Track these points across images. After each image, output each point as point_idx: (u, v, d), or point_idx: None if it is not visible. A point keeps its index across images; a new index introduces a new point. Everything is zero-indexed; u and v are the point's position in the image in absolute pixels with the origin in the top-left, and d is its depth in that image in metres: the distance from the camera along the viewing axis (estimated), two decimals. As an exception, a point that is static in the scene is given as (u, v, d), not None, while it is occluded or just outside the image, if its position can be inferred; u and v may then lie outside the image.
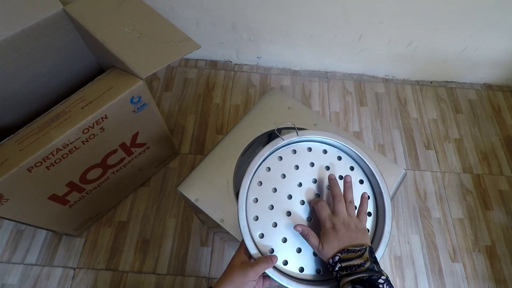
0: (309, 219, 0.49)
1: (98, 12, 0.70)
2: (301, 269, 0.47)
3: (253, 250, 0.46)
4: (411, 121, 1.11)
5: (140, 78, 0.63)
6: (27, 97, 0.78)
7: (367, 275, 0.38)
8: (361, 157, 0.52)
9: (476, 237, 0.93)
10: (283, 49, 1.12)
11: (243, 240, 0.47)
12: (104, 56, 0.71)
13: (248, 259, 0.46)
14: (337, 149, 0.54)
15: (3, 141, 0.58)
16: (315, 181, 0.51)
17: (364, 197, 0.48)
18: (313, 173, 0.52)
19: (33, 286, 0.82)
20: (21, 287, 0.82)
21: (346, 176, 0.49)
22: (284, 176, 0.51)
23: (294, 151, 0.53)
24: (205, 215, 0.60)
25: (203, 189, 0.62)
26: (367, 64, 1.16)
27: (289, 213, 0.49)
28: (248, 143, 0.66)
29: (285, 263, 0.47)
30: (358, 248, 0.41)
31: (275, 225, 0.48)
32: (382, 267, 0.42)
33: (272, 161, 0.52)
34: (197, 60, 1.21)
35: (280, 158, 0.52)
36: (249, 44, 1.11)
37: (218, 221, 0.59)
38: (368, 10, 0.93)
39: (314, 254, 0.48)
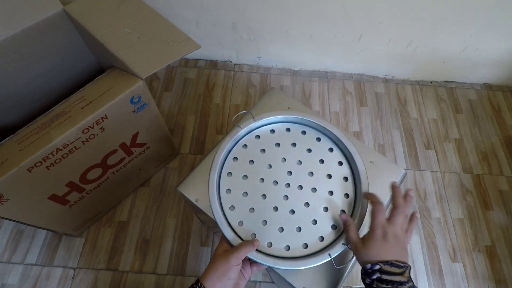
0: (285, 197, 0.51)
1: (98, 12, 0.70)
2: (287, 248, 0.48)
3: (230, 236, 0.47)
4: (411, 121, 1.11)
5: (140, 78, 0.63)
6: (27, 97, 0.78)
7: None
8: (325, 127, 0.55)
9: (476, 237, 0.93)
10: (283, 49, 1.12)
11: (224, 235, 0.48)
12: (104, 56, 0.71)
13: (230, 247, 0.47)
14: (301, 125, 0.57)
15: (3, 141, 0.58)
16: (284, 160, 0.53)
17: (415, 216, 0.47)
18: (281, 153, 0.53)
19: (33, 286, 0.82)
20: (21, 287, 0.82)
21: (409, 190, 0.49)
22: (252, 162, 0.53)
23: (258, 136, 0.55)
24: (205, 215, 0.60)
25: (203, 189, 0.62)
26: (367, 64, 1.16)
27: (264, 196, 0.51)
28: (248, 143, 0.66)
29: (270, 244, 0.48)
30: (402, 265, 0.40)
31: (252, 210, 0.50)
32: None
33: (237, 150, 0.54)
34: (197, 60, 1.21)
35: (245, 146, 0.54)
36: (249, 44, 1.11)
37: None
38: (368, 10, 0.93)
39: (299, 229, 0.49)
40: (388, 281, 0.39)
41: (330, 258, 0.46)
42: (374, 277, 0.40)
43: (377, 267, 0.40)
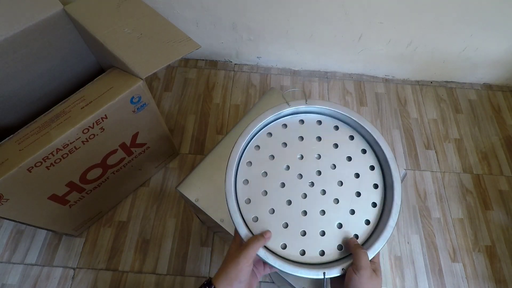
0: (303, 195, 0.47)
1: (98, 12, 0.70)
2: (303, 252, 0.45)
3: (243, 231, 0.43)
4: (411, 121, 1.11)
5: (140, 78, 0.63)
6: (27, 97, 0.78)
7: None
8: (381, 146, 0.48)
9: (476, 237, 0.93)
10: (283, 49, 1.12)
11: (236, 229, 0.44)
12: (104, 56, 0.71)
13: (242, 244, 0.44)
14: (350, 128, 0.50)
15: (3, 141, 0.58)
16: (318, 156, 0.48)
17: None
18: (317, 148, 0.48)
19: (33, 286, 0.82)
20: (21, 287, 0.82)
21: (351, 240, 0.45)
22: (272, 157, 0.47)
23: (302, 121, 0.49)
24: (205, 215, 0.60)
25: (203, 189, 0.62)
26: (367, 64, 1.16)
27: (288, 199, 0.46)
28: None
29: (284, 246, 0.45)
30: None
31: (272, 211, 0.46)
32: (382, 267, 0.42)
33: (260, 137, 0.48)
34: (197, 60, 1.21)
35: (270, 134, 0.49)
36: (249, 44, 1.11)
37: (218, 221, 0.59)
38: (368, 10, 0.93)
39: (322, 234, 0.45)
40: None
41: (324, 277, 0.42)
42: None
43: None
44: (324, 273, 0.42)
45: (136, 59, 0.63)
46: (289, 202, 0.46)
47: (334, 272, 0.43)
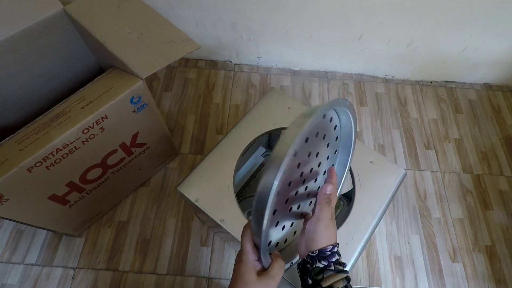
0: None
1: (98, 12, 0.69)
2: (282, 227, 0.44)
3: (267, 260, 0.37)
4: (411, 121, 1.11)
5: (140, 78, 0.63)
6: (27, 97, 0.78)
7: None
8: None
9: (476, 237, 0.93)
10: (283, 49, 1.12)
11: (244, 239, 0.37)
12: (104, 56, 0.71)
13: (259, 265, 0.37)
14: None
15: (3, 141, 0.58)
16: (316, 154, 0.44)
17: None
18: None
19: (33, 286, 0.82)
20: (21, 287, 0.82)
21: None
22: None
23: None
24: (205, 215, 0.60)
25: (203, 189, 0.62)
26: (367, 64, 1.16)
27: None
28: (248, 143, 0.66)
29: (269, 243, 0.42)
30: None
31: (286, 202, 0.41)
32: (382, 267, 0.41)
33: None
34: (197, 60, 1.21)
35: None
36: (249, 44, 1.11)
37: (218, 221, 0.59)
38: (368, 10, 0.93)
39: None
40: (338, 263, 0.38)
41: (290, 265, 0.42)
42: (334, 259, 0.38)
43: (336, 249, 0.38)
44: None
45: (136, 59, 0.63)
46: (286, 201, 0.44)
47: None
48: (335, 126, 0.48)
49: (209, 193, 0.61)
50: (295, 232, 0.48)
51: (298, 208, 0.45)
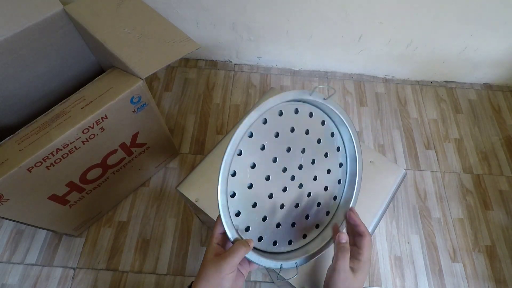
0: (284, 189, 0.47)
1: (98, 12, 0.70)
2: (275, 243, 0.46)
3: (232, 233, 0.40)
4: (411, 121, 1.11)
5: (140, 78, 0.63)
6: (27, 97, 0.78)
7: None
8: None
9: (476, 237, 0.93)
10: (283, 49, 1.12)
11: (215, 225, 0.42)
12: (104, 56, 0.71)
13: (221, 248, 0.41)
14: (333, 124, 0.52)
15: (3, 141, 0.58)
16: (303, 150, 0.49)
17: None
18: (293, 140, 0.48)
19: (33, 286, 0.82)
20: (21, 287, 0.82)
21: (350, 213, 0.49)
22: (264, 147, 0.45)
23: (297, 111, 0.48)
24: (205, 215, 0.60)
25: (203, 189, 0.62)
26: (367, 64, 1.16)
27: (269, 187, 0.46)
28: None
29: (260, 239, 0.45)
30: None
31: (254, 204, 0.45)
32: (382, 267, 0.41)
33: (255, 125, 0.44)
34: (197, 60, 1.21)
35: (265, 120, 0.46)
36: (249, 44, 1.11)
37: (218, 221, 0.59)
38: (368, 10, 0.93)
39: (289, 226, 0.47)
40: None
41: (280, 269, 0.43)
42: None
43: None
44: (281, 265, 0.44)
45: (136, 59, 0.63)
46: (271, 196, 0.46)
47: (290, 265, 0.45)
48: (323, 123, 0.50)
49: (209, 193, 0.61)
50: (304, 235, 0.50)
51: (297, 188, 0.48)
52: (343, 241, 0.43)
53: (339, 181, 0.53)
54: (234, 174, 0.43)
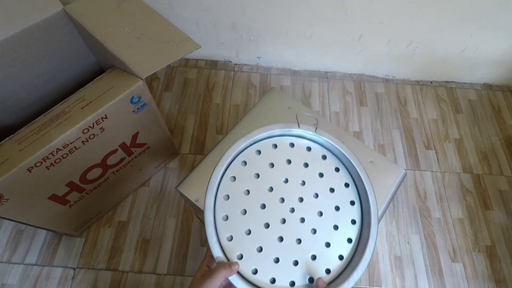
0: (282, 220, 0.46)
1: (98, 12, 0.70)
2: (273, 280, 0.43)
3: (216, 251, 0.41)
4: (411, 121, 1.11)
5: (140, 78, 0.63)
6: (27, 97, 0.78)
7: None
8: (349, 158, 0.48)
9: (476, 237, 0.93)
10: (283, 49, 1.12)
11: (207, 249, 0.42)
12: (104, 56, 0.71)
13: (209, 270, 0.41)
14: (337, 160, 0.50)
15: (3, 141, 0.58)
16: (303, 183, 0.48)
17: None
18: (289, 171, 0.48)
19: (33, 286, 0.82)
20: (21, 287, 0.82)
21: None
22: (258, 175, 0.46)
23: (292, 145, 0.49)
24: (205, 215, 0.60)
25: (203, 189, 0.62)
26: (367, 64, 1.16)
27: (265, 218, 0.45)
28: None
29: (255, 271, 0.43)
30: None
31: (248, 231, 0.44)
32: (382, 267, 0.41)
33: (248, 153, 0.47)
34: (197, 60, 1.21)
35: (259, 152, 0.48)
36: (249, 44, 1.11)
37: (218, 221, 0.59)
38: (368, 10, 0.93)
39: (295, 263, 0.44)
40: None
41: None
42: None
43: None
44: None
45: (136, 59, 0.63)
46: (267, 225, 0.45)
47: None
48: (324, 157, 0.50)
49: (209, 193, 0.61)
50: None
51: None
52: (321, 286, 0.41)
53: (353, 222, 0.48)
54: (227, 198, 0.44)
